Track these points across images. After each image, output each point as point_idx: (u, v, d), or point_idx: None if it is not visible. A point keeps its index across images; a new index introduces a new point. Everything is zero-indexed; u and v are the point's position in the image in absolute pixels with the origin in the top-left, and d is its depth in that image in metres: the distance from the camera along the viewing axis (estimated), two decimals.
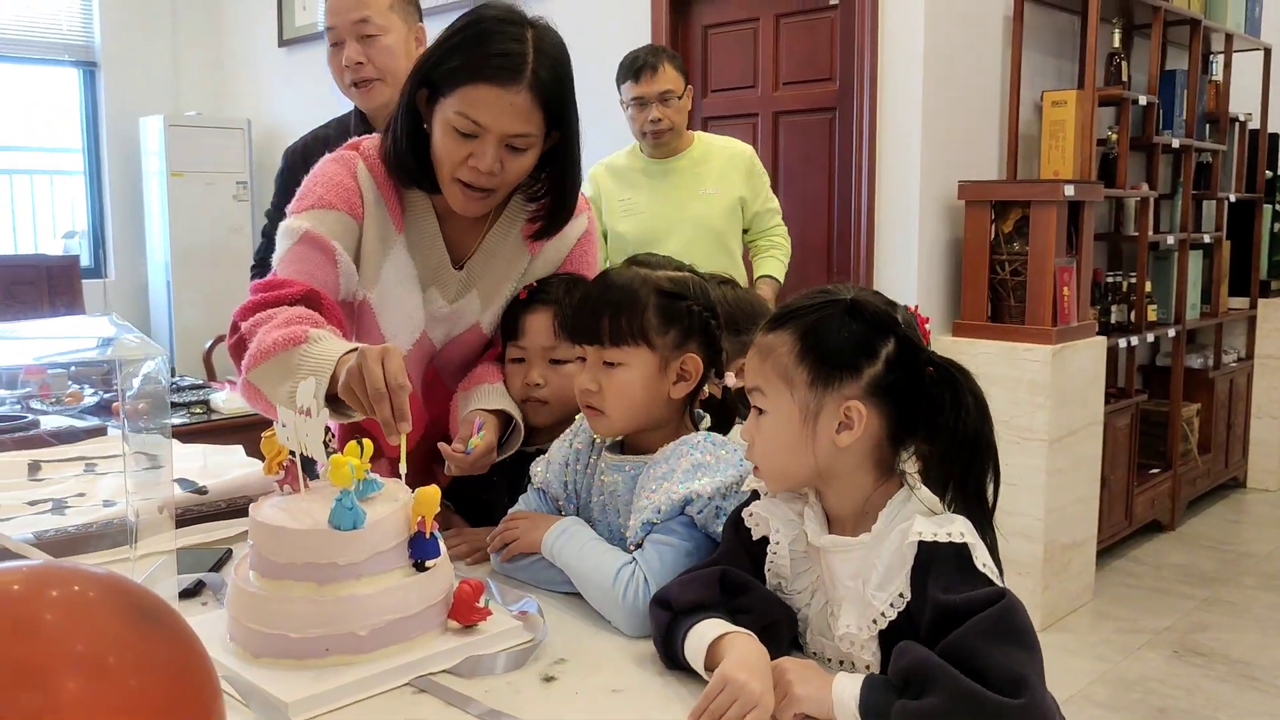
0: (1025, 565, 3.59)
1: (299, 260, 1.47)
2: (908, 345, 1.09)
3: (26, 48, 6.02)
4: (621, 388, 1.34)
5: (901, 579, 1.07)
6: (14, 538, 1.48)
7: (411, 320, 1.58)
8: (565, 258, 1.66)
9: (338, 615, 1.09)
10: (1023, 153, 3.99)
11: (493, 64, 1.38)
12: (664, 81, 3.18)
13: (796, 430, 1.10)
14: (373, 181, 1.53)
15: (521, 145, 1.44)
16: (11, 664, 0.68)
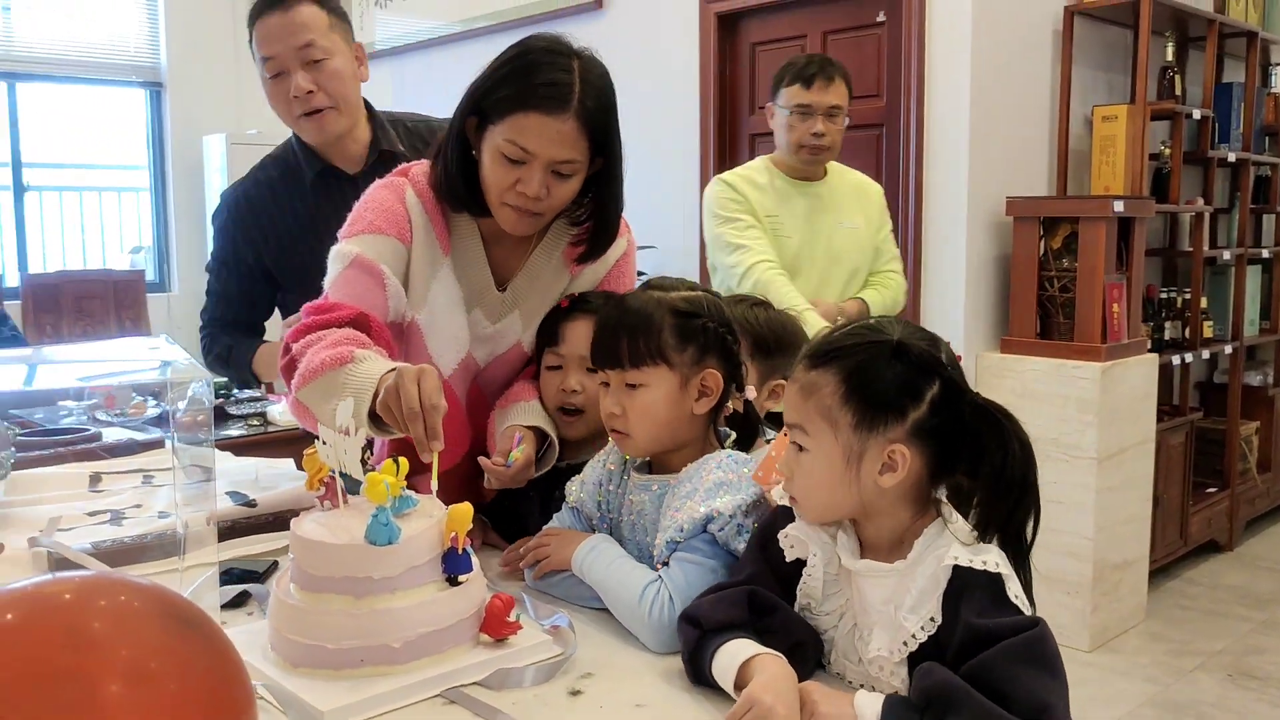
0: (1074, 585, 3.55)
1: (349, 284, 1.52)
2: (952, 387, 1.09)
3: (96, 69, 6.23)
4: (644, 408, 1.37)
5: (934, 603, 1.08)
6: (73, 548, 1.55)
7: (457, 340, 1.63)
8: (603, 279, 1.70)
9: (373, 627, 1.13)
10: (1073, 168, 3.96)
11: (540, 93, 1.43)
12: (835, 95, 2.86)
13: (839, 471, 1.11)
14: (421, 206, 1.58)
15: (567, 171, 1.49)
16: (62, 669, 0.73)
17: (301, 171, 2.06)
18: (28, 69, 6.03)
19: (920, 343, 1.11)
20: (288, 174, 2.07)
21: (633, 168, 4.93)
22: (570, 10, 4.76)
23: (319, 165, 2.06)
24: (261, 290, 2.11)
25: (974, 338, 3.72)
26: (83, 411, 3.81)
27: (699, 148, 4.37)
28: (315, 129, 2.00)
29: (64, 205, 6.37)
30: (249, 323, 2.15)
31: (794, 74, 2.87)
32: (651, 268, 4.50)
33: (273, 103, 2.03)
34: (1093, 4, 3.83)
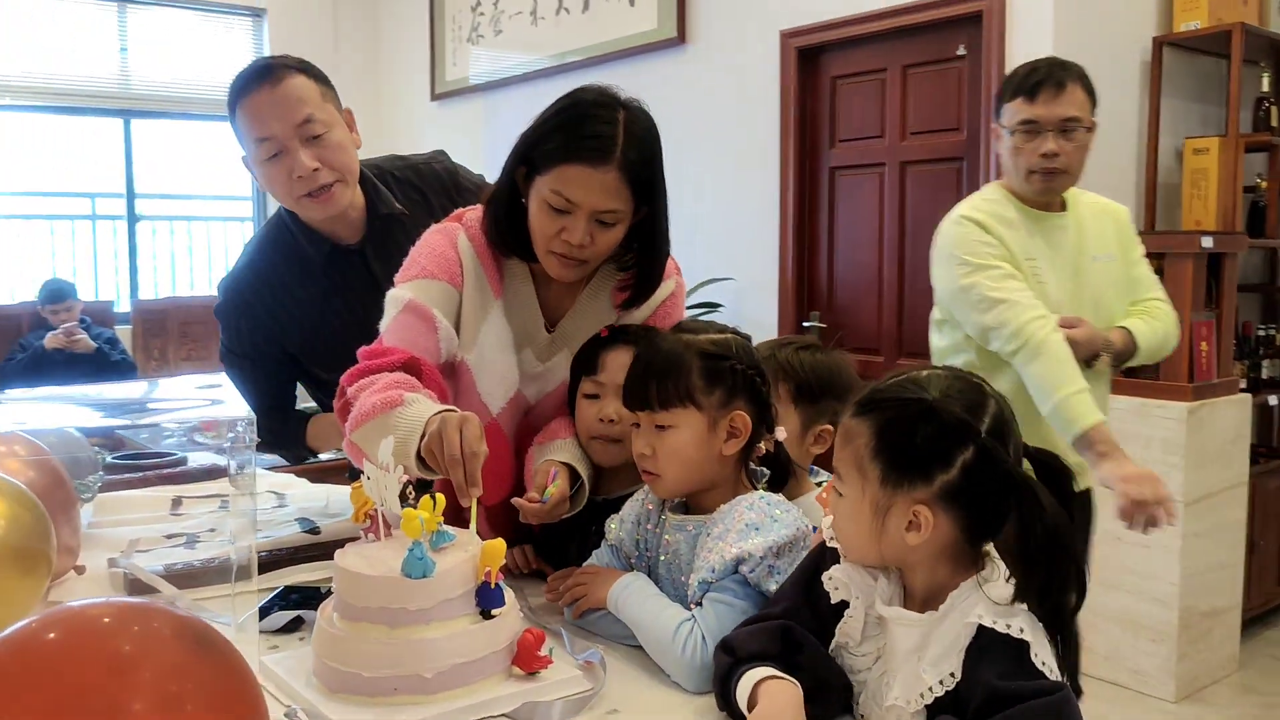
0: (1159, 633, 3.44)
1: (402, 329, 1.59)
2: (989, 454, 1.06)
3: (204, 105, 6.54)
4: (674, 450, 1.40)
5: (955, 658, 1.08)
6: (147, 569, 1.64)
7: (506, 380, 1.68)
8: (648, 320, 1.73)
9: (406, 657, 1.18)
10: (1162, 202, 3.86)
11: (584, 146, 1.48)
12: (1069, 105, 2.37)
13: (868, 522, 1.11)
14: (472, 250, 1.65)
15: (610, 220, 1.53)
16: (94, 687, 0.80)
17: (306, 254, 1.96)
18: (142, 106, 6.37)
19: (956, 406, 1.08)
20: (291, 258, 1.97)
21: (712, 200, 5.02)
22: (655, 46, 4.84)
23: (326, 245, 1.96)
24: (287, 371, 2.05)
25: None
26: (183, 434, 3.99)
27: (779, 181, 4.39)
28: (321, 207, 1.88)
29: (174, 234, 6.69)
30: (281, 405, 2.08)
31: (1014, 87, 2.40)
32: (730, 299, 4.53)
33: (268, 185, 1.90)
34: (1183, 34, 3.74)
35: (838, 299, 4.35)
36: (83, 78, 6.17)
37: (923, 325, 4.03)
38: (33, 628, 0.83)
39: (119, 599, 0.89)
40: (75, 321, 5.52)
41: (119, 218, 6.44)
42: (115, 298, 6.39)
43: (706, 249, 4.70)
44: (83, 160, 6.37)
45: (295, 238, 1.97)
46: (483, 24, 5.93)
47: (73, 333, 5.44)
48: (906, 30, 3.92)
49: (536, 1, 5.49)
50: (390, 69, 6.88)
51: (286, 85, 1.84)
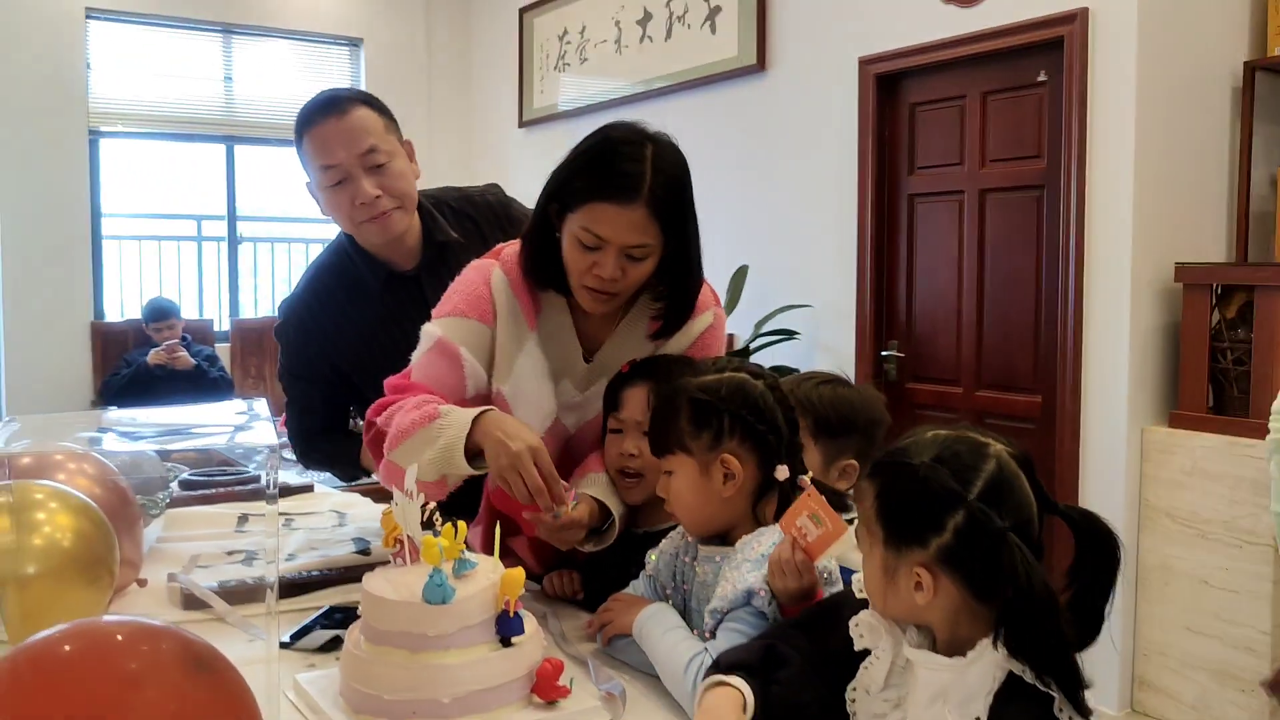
0: (1249, 682, 3.29)
1: (429, 365, 1.66)
2: (979, 519, 1.05)
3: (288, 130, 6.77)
4: (677, 494, 1.43)
5: (981, 703, 1.06)
6: (204, 585, 1.71)
7: (543, 410, 1.72)
8: (686, 350, 1.74)
9: (425, 682, 1.21)
10: (1254, 232, 3.72)
11: (612, 184, 1.51)
12: None
13: (880, 579, 1.12)
14: (507, 285, 1.69)
15: (640, 255, 1.56)
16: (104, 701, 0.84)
17: (364, 280, 2.02)
18: (245, 132, 6.63)
19: (945, 471, 1.07)
20: (350, 284, 2.03)
21: (790, 227, 5.01)
22: (736, 73, 4.86)
23: (384, 272, 2.02)
24: (343, 394, 2.09)
25: (1139, 411, 3.53)
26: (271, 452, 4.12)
27: (857, 208, 4.36)
28: (380, 230, 1.95)
29: (274, 255, 6.93)
30: (336, 426, 2.13)
31: None
32: (807, 327, 4.51)
33: (330, 210, 1.98)
34: (1276, 58, 3.61)
35: (916, 328, 4.29)
36: (189, 105, 6.46)
37: (1000, 355, 3.97)
38: (52, 639, 0.89)
39: (134, 618, 0.93)
40: (177, 339, 5.76)
41: (221, 239, 6.70)
42: (216, 317, 6.64)
43: (784, 276, 4.69)
44: (188, 184, 6.65)
45: (354, 264, 2.03)
46: (569, 52, 6.03)
47: (174, 350, 5.67)
48: (986, 56, 3.87)
49: (621, 30, 5.56)
50: (480, 96, 7.04)
51: (352, 117, 1.92)
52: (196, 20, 6.38)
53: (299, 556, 1.91)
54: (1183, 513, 3.44)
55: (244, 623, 1.61)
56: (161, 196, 6.57)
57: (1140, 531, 3.54)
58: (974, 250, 4.03)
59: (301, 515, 2.29)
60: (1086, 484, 3.62)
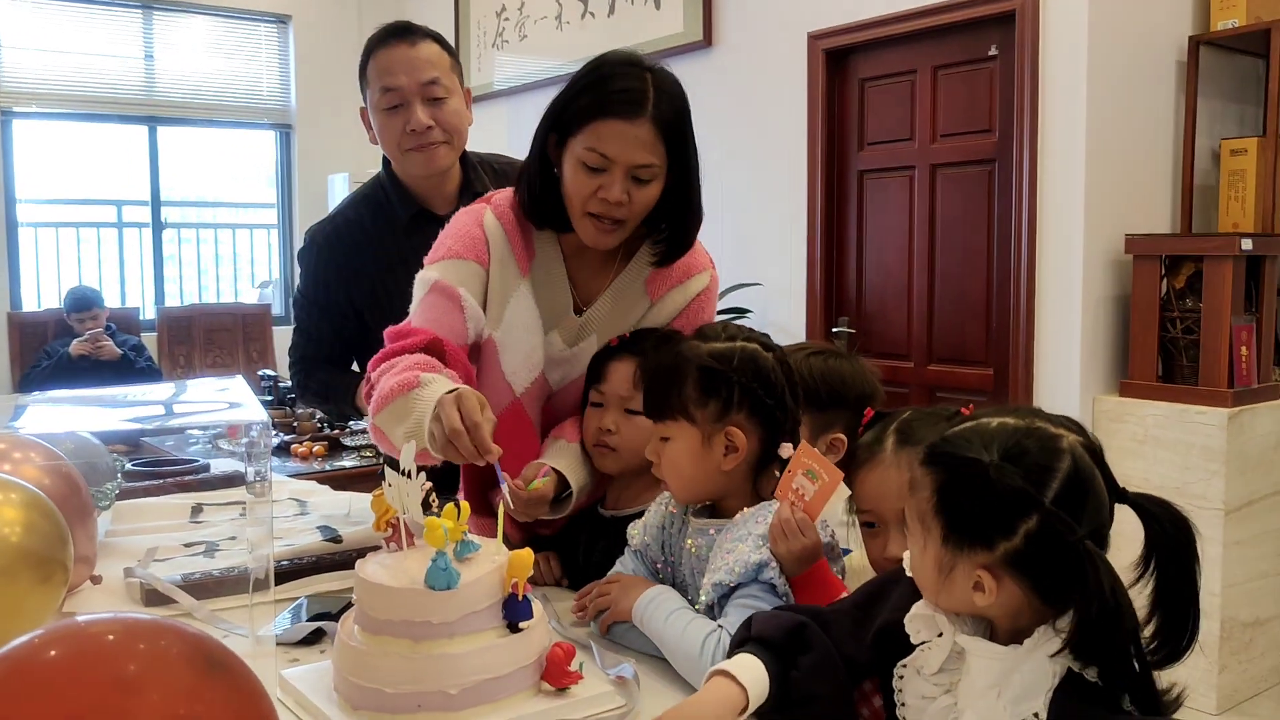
0: (1200, 643, 3.32)
1: (429, 309, 1.59)
2: (1055, 524, 0.95)
3: (230, 112, 6.55)
4: (672, 461, 1.38)
5: (1040, 700, 0.99)
6: (165, 579, 1.61)
7: (531, 360, 1.65)
8: (683, 309, 1.69)
9: (430, 673, 1.13)
10: (1199, 204, 3.78)
11: (617, 99, 1.48)
12: None
13: (934, 575, 1.03)
14: (500, 228, 1.63)
15: (646, 176, 1.51)
16: (99, 709, 0.75)
17: (394, 211, 2.06)
18: (168, 113, 6.39)
19: (1018, 471, 0.96)
20: (379, 214, 2.07)
21: (739, 205, 4.97)
22: (681, 49, 4.79)
23: (414, 207, 2.05)
24: (353, 329, 2.09)
25: (1091, 381, 3.57)
26: (208, 440, 3.97)
27: (806, 185, 4.33)
28: (424, 161, 1.99)
29: (200, 241, 6.70)
30: (342, 359, 2.13)
31: None
32: (758, 305, 4.48)
33: (382, 133, 2.01)
34: (1220, 33, 3.66)
35: (866, 304, 4.28)
36: (107, 84, 6.19)
37: (952, 329, 3.98)
38: (34, 644, 0.79)
39: (126, 614, 0.84)
40: (101, 329, 5.53)
41: (145, 225, 6.45)
42: (141, 305, 6.40)
43: (734, 254, 4.65)
44: (109, 168, 6.39)
45: (387, 196, 2.07)
46: (508, 29, 5.91)
47: (98, 340, 5.44)
48: (936, 31, 3.86)
49: (562, 6, 5.46)
50: None
51: (422, 48, 1.99)
52: None
53: (263, 547, 1.80)
54: (1134, 480, 3.46)
55: (214, 618, 1.51)
56: (81, 181, 6.30)
57: None
58: (925, 225, 4.03)
59: (261, 503, 2.17)
60: None
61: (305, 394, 2.16)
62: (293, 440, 4.59)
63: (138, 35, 6.27)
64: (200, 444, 4.04)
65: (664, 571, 1.46)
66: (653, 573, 1.47)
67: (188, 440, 4.07)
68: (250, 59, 6.61)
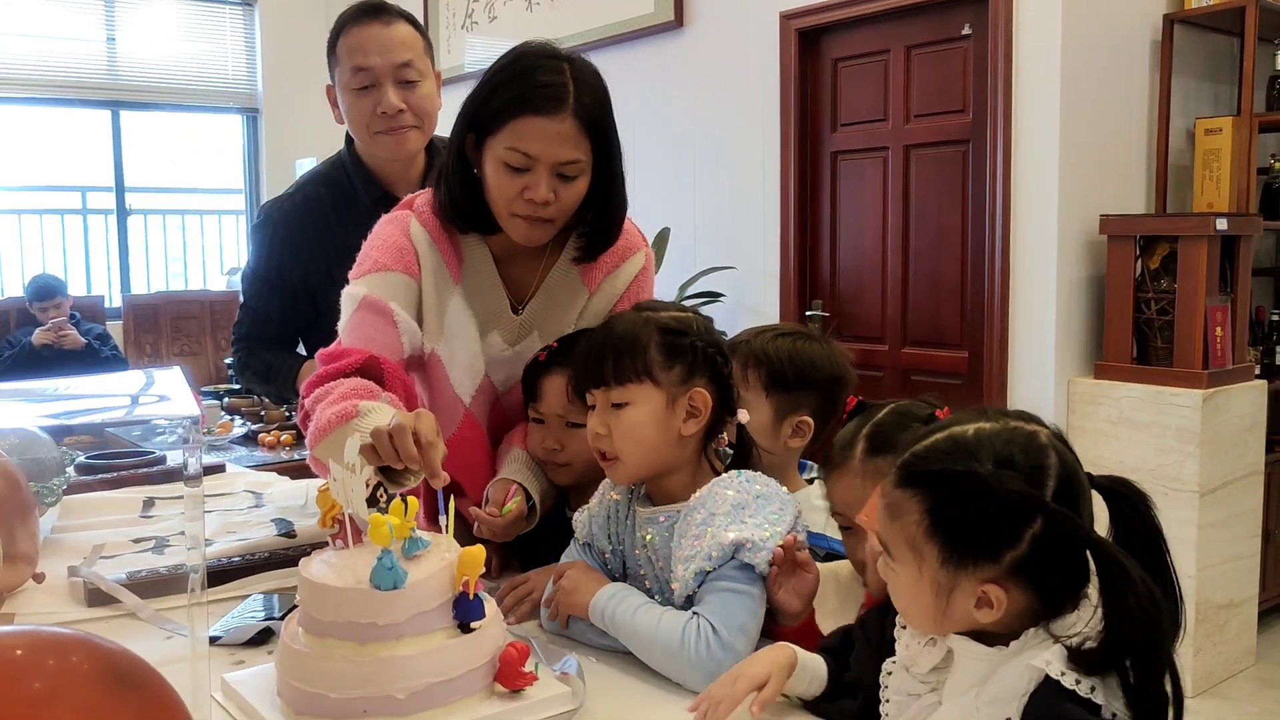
0: None
1: (360, 326, 1.51)
2: (1059, 524, 0.93)
3: (195, 96, 6.43)
4: (630, 428, 1.33)
5: (1014, 704, 0.95)
6: (109, 578, 1.54)
7: (474, 368, 1.60)
8: (621, 295, 1.64)
9: (377, 676, 1.08)
10: (1174, 184, 3.75)
11: (537, 95, 1.41)
12: None
13: (929, 600, 0.98)
14: (427, 236, 1.56)
15: (572, 173, 1.45)
16: None
17: (356, 194, 2.01)
18: (131, 97, 6.26)
19: (1015, 475, 0.93)
20: (339, 195, 2.02)
21: (711, 187, 4.91)
22: (652, 29, 4.72)
23: (378, 191, 2.00)
24: (303, 309, 2.04)
25: (1066, 363, 3.54)
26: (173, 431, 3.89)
27: (779, 167, 4.28)
28: (394, 144, 1.95)
29: (166, 228, 6.59)
30: (289, 341, 2.09)
31: None
32: (731, 288, 4.43)
33: (350, 114, 1.97)
34: (1194, 11, 3.63)
35: (841, 287, 4.24)
36: (69, 68, 6.06)
37: (926, 311, 3.95)
38: None
39: (35, 628, 0.79)
40: (65, 318, 5.43)
41: (109, 212, 6.34)
42: (106, 293, 6.29)
43: (707, 238, 4.60)
44: (72, 153, 6.26)
45: (349, 178, 2.03)
46: (477, 10, 5.81)
47: (61, 329, 5.34)
48: (910, 10, 3.81)
49: None
50: None
51: (396, 28, 1.94)
52: None
53: (216, 542, 1.74)
54: (1109, 462, 3.46)
55: (159, 618, 1.45)
56: (43, 167, 6.17)
57: None
58: (899, 207, 3.99)
59: (214, 497, 2.11)
60: None
61: (245, 372, 2.10)
62: (260, 429, 4.51)
63: (100, 17, 6.14)
64: (166, 434, 3.97)
65: (613, 563, 1.43)
66: (602, 564, 1.44)
67: (154, 431, 4.00)
68: (215, 42, 6.49)
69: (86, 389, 1.15)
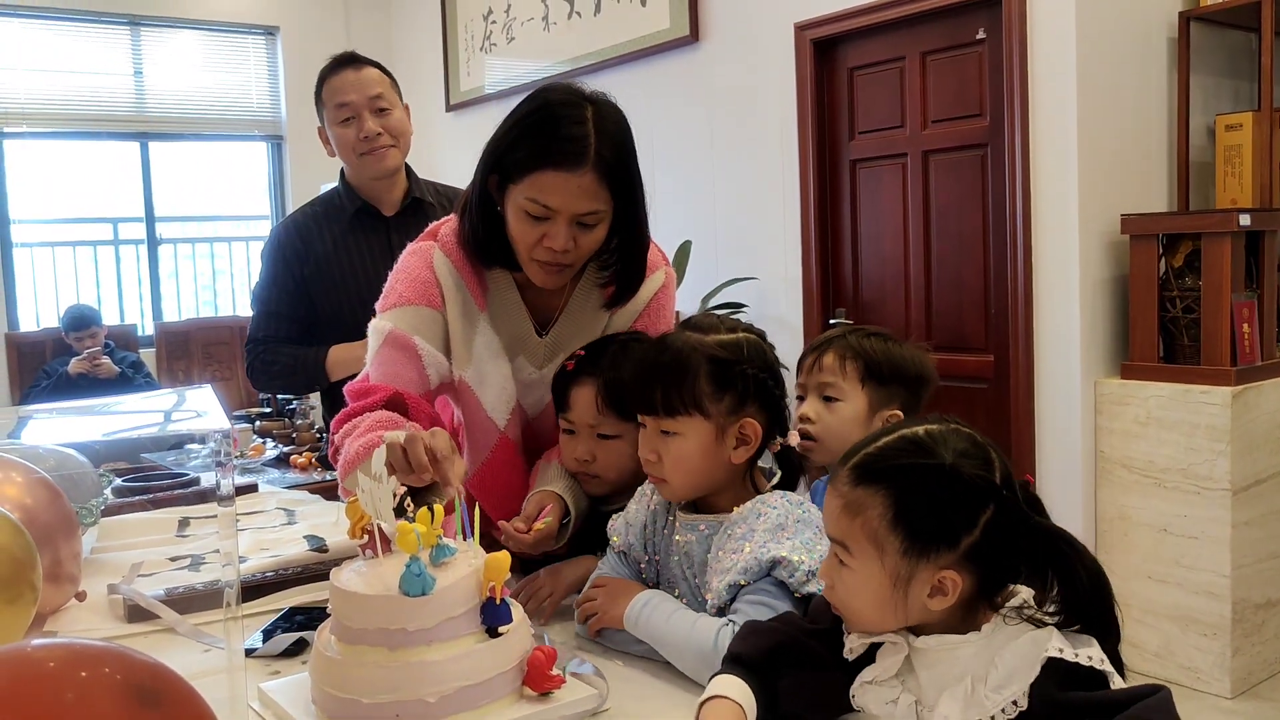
0: (1211, 626, 3.31)
1: (386, 362, 1.56)
2: (1009, 510, 1.01)
3: (221, 125, 6.54)
4: (679, 458, 1.33)
5: (1020, 686, 0.99)
6: (148, 595, 1.58)
7: (505, 392, 1.63)
8: (640, 314, 1.67)
9: (407, 681, 1.10)
10: (1195, 181, 3.74)
11: (557, 150, 1.42)
12: None
13: (885, 593, 1.03)
14: (450, 266, 1.59)
15: (591, 222, 1.47)
16: None
17: (344, 207, 2.39)
18: (159, 129, 6.37)
19: (973, 463, 1.02)
20: (330, 209, 2.40)
21: (732, 199, 4.92)
22: (669, 45, 4.76)
23: (359, 202, 2.39)
24: (306, 310, 2.34)
25: (1092, 364, 3.53)
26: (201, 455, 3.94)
27: (799, 176, 4.30)
28: (376, 161, 2.33)
29: (195, 255, 6.69)
30: (298, 339, 2.35)
31: None
32: (754, 298, 4.45)
33: (339, 144, 2.36)
34: (1210, 7, 3.62)
35: (863, 294, 4.25)
36: (98, 101, 6.18)
37: (950, 316, 3.95)
38: None
39: (70, 640, 0.81)
40: (99, 347, 5.52)
41: (140, 241, 6.44)
42: (139, 321, 6.39)
43: (728, 249, 4.62)
44: (103, 185, 6.37)
45: (340, 198, 2.41)
46: (495, 32, 5.88)
47: (95, 359, 5.42)
48: (923, 16, 3.82)
49: (548, 6, 5.43)
50: (405, 82, 6.80)
51: (366, 71, 2.37)
52: (101, 13, 6.10)
53: (250, 558, 1.78)
54: (1139, 462, 3.45)
55: (197, 632, 1.49)
56: (74, 199, 6.29)
57: (1097, 483, 3.54)
58: (919, 212, 4.00)
59: (246, 515, 2.15)
60: (1042, 439, 3.61)
61: (269, 370, 2.35)
62: (291, 451, 4.56)
63: (126, 51, 6.26)
64: (199, 459, 4.02)
65: (648, 571, 1.44)
66: (636, 573, 1.44)
67: (189, 455, 4.06)
68: (239, 72, 6.60)
69: (121, 408, 1.19)
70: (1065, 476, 3.55)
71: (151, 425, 1.19)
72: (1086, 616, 1.00)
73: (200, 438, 3.75)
